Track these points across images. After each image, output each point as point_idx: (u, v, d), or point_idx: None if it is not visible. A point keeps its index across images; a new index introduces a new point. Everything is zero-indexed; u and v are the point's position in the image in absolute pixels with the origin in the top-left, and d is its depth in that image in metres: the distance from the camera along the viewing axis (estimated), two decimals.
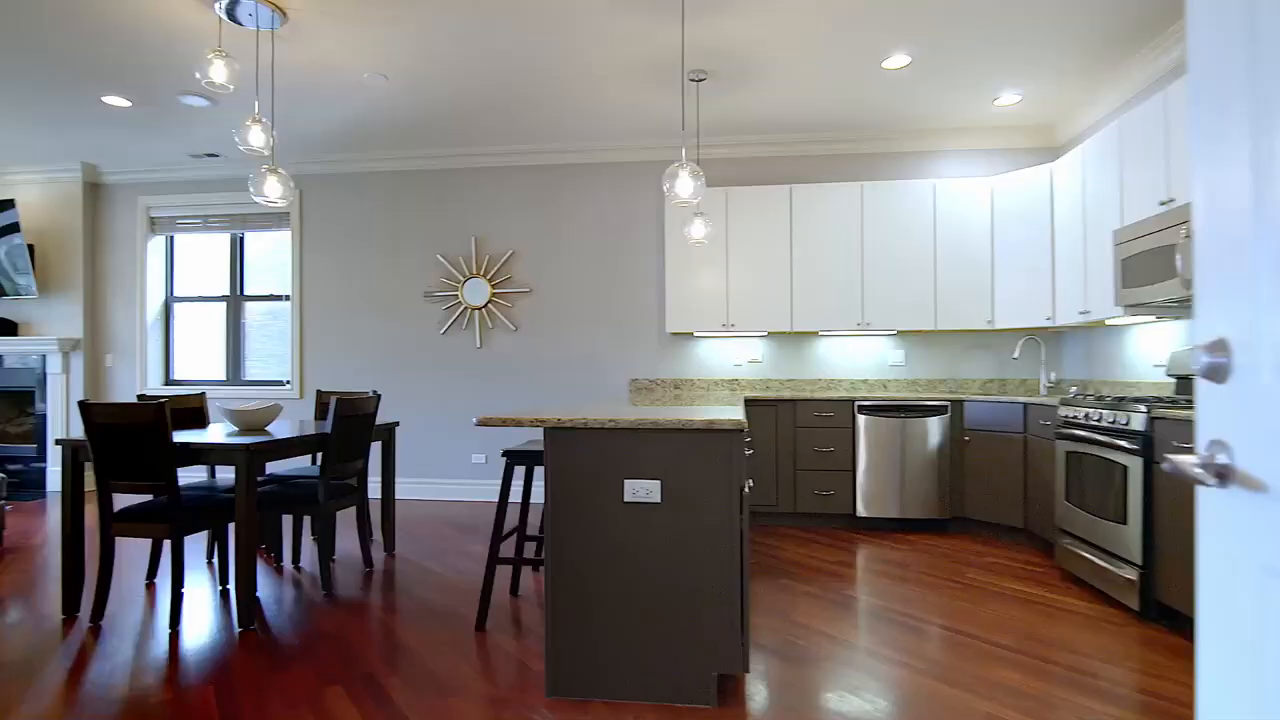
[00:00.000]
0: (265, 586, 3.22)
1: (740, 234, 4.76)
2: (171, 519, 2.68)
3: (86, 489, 5.06)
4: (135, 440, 2.64)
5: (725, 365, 5.11)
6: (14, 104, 4.40)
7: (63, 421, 5.86)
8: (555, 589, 2.07)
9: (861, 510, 4.33)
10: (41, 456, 5.91)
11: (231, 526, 4.12)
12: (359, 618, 2.80)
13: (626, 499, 2.01)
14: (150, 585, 3.25)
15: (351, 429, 3.26)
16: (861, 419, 4.35)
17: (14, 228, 5.61)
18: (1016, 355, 4.44)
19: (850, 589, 3.18)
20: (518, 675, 2.26)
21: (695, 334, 5.01)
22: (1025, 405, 3.94)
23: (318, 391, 4.18)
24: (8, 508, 5.14)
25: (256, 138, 3.27)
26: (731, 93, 4.22)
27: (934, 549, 3.89)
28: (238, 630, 2.65)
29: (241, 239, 5.89)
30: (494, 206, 5.33)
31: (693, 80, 3.99)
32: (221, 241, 5.92)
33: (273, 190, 3.25)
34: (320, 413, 4.11)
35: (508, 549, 3.83)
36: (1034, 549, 3.91)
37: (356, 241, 5.54)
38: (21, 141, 5.16)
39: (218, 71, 3.10)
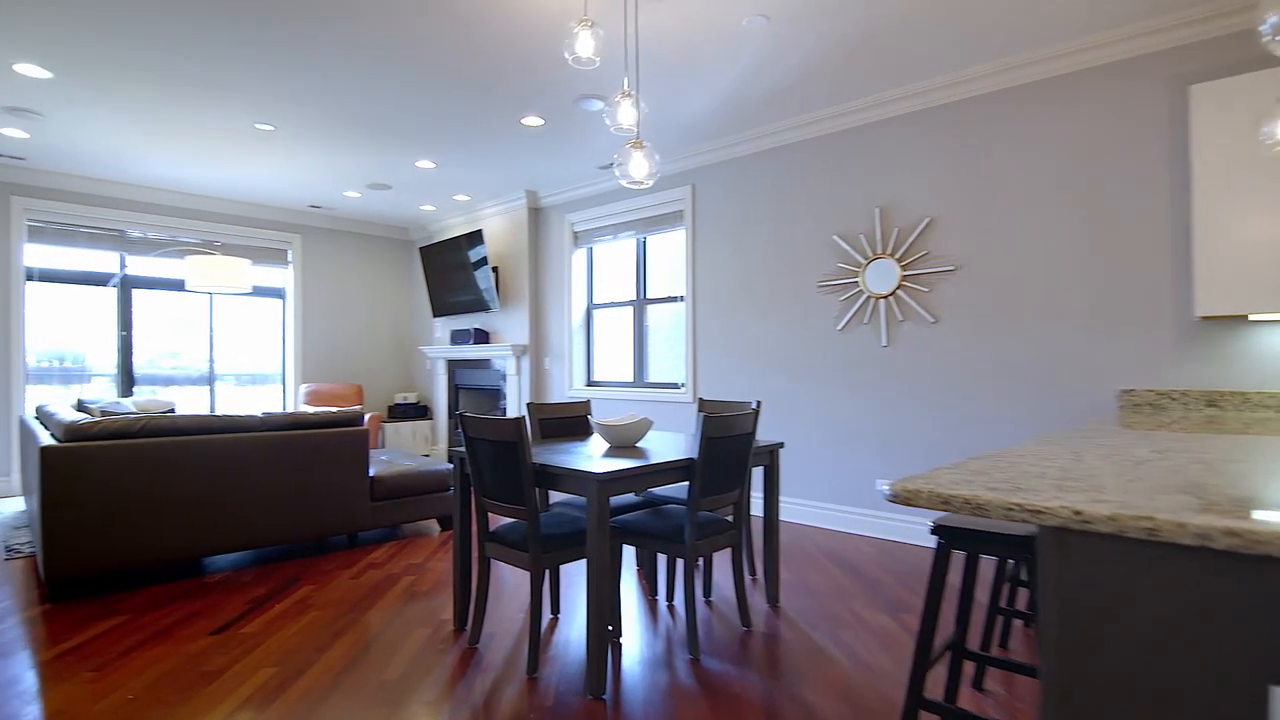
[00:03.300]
0: (630, 629, 2.78)
1: None
2: (529, 547, 2.38)
3: None
4: (500, 457, 2.42)
5: None
6: (475, 147, 5.06)
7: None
8: None
9: None
10: None
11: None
12: (722, 717, 2.08)
13: None
14: None
15: (723, 453, 2.59)
16: None
17: (485, 260, 6.67)
18: None
19: None
20: None
21: (1251, 317, 3.03)
22: None
23: (700, 400, 3.70)
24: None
25: (626, 114, 2.87)
26: None
27: None
28: (587, 696, 2.20)
29: (644, 243, 5.95)
30: (901, 166, 4.18)
31: None
32: (629, 248, 6.08)
33: (638, 168, 2.80)
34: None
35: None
36: None
37: (745, 233, 5.01)
38: (486, 180, 6.05)
39: (584, 44, 2.76)
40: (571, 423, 3.45)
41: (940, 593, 1.62)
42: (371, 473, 4.14)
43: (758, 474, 4.86)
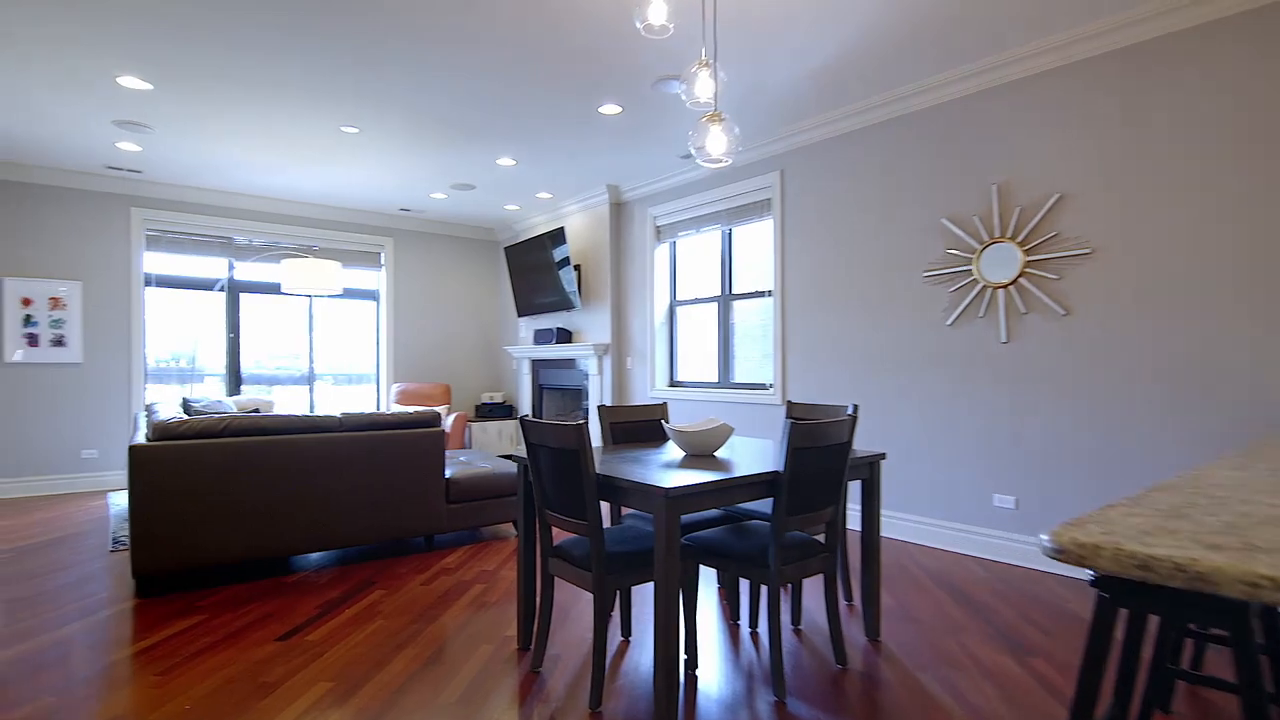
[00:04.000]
0: (708, 659, 2.49)
1: None
2: (593, 567, 2.15)
3: None
4: (561, 466, 2.20)
5: None
6: (553, 141, 4.92)
7: (596, 419, 6.65)
8: None
9: None
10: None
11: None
12: None
13: None
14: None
15: (814, 466, 2.26)
16: None
17: (567, 258, 6.55)
18: None
19: None
20: None
21: None
22: None
23: (788, 404, 3.36)
24: None
25: (704, 87, 2.60)
26: None
27: None
28: None
29: (729, 235, 5.63)
30: (1023, 137, 3.65)
31: None
32: (714, 241, 5.78)
33: (716, 143, 2.51)
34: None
35: None
36: None
37: (839, 220, 4.59)
38: (567, 176, 5.92)
39: (656, 10, 2.52)
40: (645, 427, 3.21)
41: (1103, 663, 1.24)
42: (448, 474, 4.06)
43: (854, 486, 4.44)
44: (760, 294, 5.31)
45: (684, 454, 2.58)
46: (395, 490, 3.79)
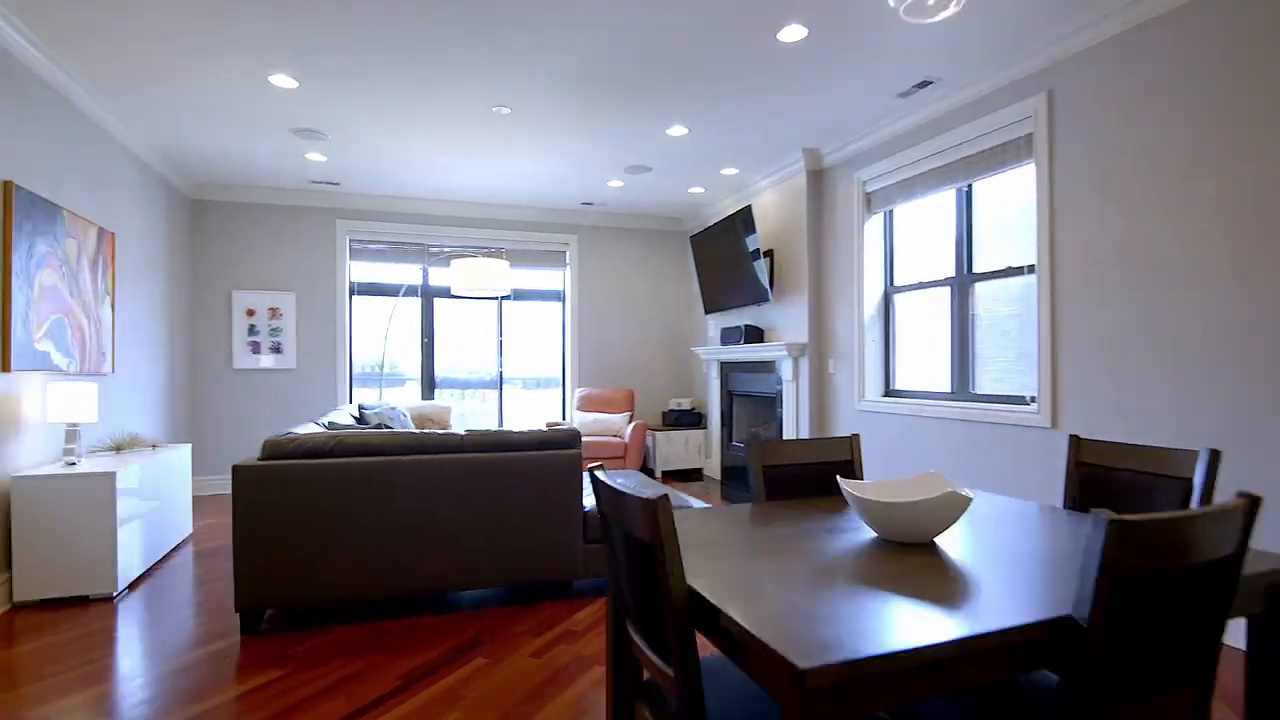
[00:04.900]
0: None
1: None
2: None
3: None
4: (637, 564, 1.28)
5: None
6: (726, 91, 3.99)
7: (792, 432, 5.53)
8: None
9: None
10: None
11: None
12: None
13: None
14: None
15: (1160, 606, 1.05)
16: None
17: (755, 243, 5.53)
18: None
19: None
20: None
21: None
22: None
23: (1075, 442, 2.05)
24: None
25: None
26: None
27: None
28: None
29: (966, 194, 4.20)
30: None
31: None
32: (945, 205, 4.37)
33: None
34: (1077, 494, 1.97)
35: None
36: None
37: (1147, 155, 2.99)
38: (751, 141, 4.92)
39: None
40: (824, 473, 2.12)
41: None
42: (588, 506, 3.34)
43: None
44: (1015, 271, 3.82)
45: (874, 536, 1.50)
46: (523, 524, 3.15)
